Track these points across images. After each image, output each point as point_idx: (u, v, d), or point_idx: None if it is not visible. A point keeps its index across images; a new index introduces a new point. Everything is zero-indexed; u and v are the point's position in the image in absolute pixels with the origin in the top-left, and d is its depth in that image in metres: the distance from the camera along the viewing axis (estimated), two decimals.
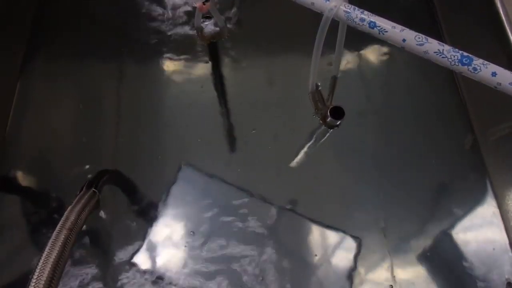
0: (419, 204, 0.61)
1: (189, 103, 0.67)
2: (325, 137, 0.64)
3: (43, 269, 0.39)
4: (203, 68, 0.70)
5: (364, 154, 0.64)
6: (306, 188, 0.61)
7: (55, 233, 0.43)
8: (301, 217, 0.59)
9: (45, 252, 0.41)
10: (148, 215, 0.60)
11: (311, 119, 0.63)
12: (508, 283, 0.53)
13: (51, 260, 0.40)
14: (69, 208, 0.46)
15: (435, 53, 0.40)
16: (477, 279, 0.55)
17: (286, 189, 0.61)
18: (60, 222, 0.44)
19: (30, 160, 0.63)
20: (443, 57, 0.40)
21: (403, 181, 0.62)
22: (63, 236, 0.42)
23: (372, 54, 0.71)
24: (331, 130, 0.63)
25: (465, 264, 0.56)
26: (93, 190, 0.51)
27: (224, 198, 0.61)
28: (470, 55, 0.40)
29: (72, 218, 0.45)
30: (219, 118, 0.66)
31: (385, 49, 0.71)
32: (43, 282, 0.38)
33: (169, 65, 0.70)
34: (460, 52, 0.40)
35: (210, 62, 0.70)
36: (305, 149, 0.64)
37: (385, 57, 0.71)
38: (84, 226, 0.49)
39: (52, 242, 0.42)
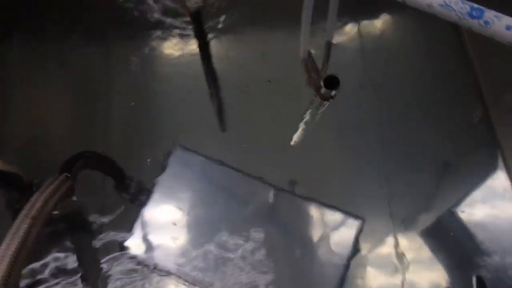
0: (425, 180, 0.57)
1: (180, 82, 0.64)
2: (323, 112, 0.60)
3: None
4: (194, 46, 0.66)
5: (366, 130, 0.60)
6: (306, 167, 0.58)
7: (16, 222, 0.38)
8: (302, 197, 0.56)
9: (4, 244, 0.36)
10: (140, 199, 0.57)
11: (310, 94, 0.59)
12: None
13: (10, 252, 0.35)
14: (35, 195, 0.42)
15: (441, 6, 0.35)
16: (486, 255, 0.52)
17: (286, 168, 0.58)
18: (24, 210, 0.39)
19: (17, 146, 0.61)
20: (449, 10, 0.35)
21: (407, 157, 0.58)
22: (26, 226, 0.38)
23: (372, 24, 0.66)
24: (327, 103, 0.59)
25: (473, 239, 0.53)
26: (65, 175, 0.46)
27: (220, 179, 0.58)
28: (480, 7, 0.34)
29: (38, 205, 0.40)
30: (212, 97, 0.63)
31: (385, 18, 0.67)
32: None
33: (159, 44, 0.66)
34: (470, 3, 0.34)
35: (200, 39, 0.66)
36: (304, 126, 0.60)
37: (385, 26, 0.66)
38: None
39: (13, 232, 0.37)
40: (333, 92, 0.55)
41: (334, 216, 0.54)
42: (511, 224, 0.53)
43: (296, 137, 0.59)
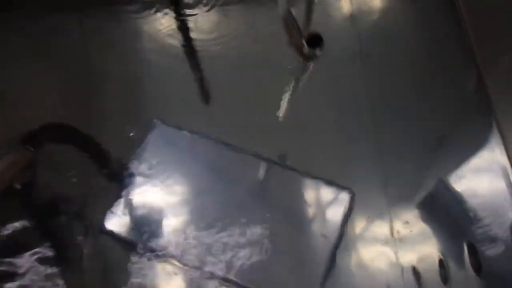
0: (419, 151, 0.54)
1: (162, 56, 0.60)
2: (310, 80, 0.57)
3: None
4: (174, 19, 0.62)
5: (357, 101, 0.57)
6: (296, 140, 0.55)
7: None
8: (293, 172, 0.53)
9: None
10: (120, 177, 0.53)
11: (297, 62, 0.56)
12: None
13: None
14: None
15: None
16: (480, 227, 0.49)
17: (275, 142, 0.55)
18: None
19: None
20: None
21: (401, 129, 0.55)
22: None
23: None
24: (311, 64, 0.56)
25: (465, 210, 0.50)
26: (25, 147, 0.42)
27: (206, 156, 0.54)
28: None
29: None
30: (194, 70, 0.59)
31: None
32: None
33: (139, 18, 0.62)
34: None
35: (179, 11, 0.63)
36: (290, 95, 0.56)
37: None
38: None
39: None
40: (317, 51, 0.52)
41: (325, 189, 0.52)
42: (501, 194, 0.50)
43: (283, 108, 0.56)
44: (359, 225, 0.50)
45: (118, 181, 0.53)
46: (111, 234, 0.51)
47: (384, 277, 0.48)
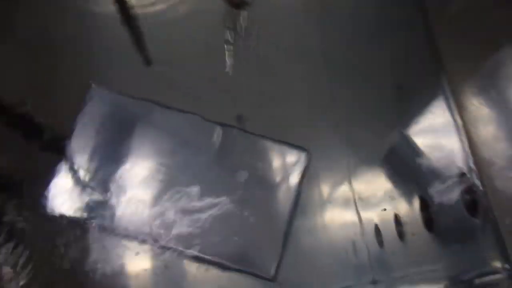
0: (375, 105, 0.53)
1: (94, 18, 0.54)
2: (258, 35, 0.53)
3: None
4: None
5: (310, 55, 0.54)
6: (251, 100, 0.52)
7: None
8: (249, 135, 0.51)
9: None
10: (55, 149, 0.49)
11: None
12: (462, 173, 0.49)
13: None
14: None
15: None
16: (432, 173, 0.50)
17: (229, 104, 0.52)
18: None
19: None
20: None
21: (356, 82, 0.54)
22: None
23: None
24: (245, 12, 0.53)
25: (421, 167, 0.51)
26: None
27: (154, 122, 0.51)
28: None
29: None
30: (131, 31, 0.54)
31: None
32: None
33: None
34: None
35: None
36: (232, 51, 0.53)
37: None
38: None
39: None
40: None
41: (283, 150, 0.50)
42: (453, 148, 0.51)
43: (229, 65, 0.53)
44: (320, 185, 0.50)
45: (59, 153, 0.49)
46: (53, 213, 0.48)
47: (346, 237, 0.49)
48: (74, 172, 0.49)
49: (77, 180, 0.49)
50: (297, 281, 0.47)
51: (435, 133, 0.52)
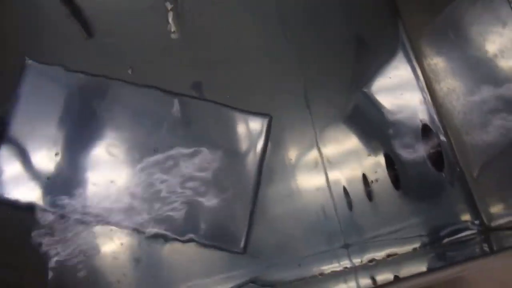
0: (338, 61, 0.51)
1: None
2: None
3: None
4: None
5: (265, 13, 0.52)
6: (206, 67, 0.49)
7: None
8: (211, 103, 0.48)
9: None
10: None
11: None
12: (424, 125, 0.49)
13: None
14: None
15: None
16: (396, 129, 0.49)
17: (183, 73, 0.49)
18: None
19: None
20: None
21: (316, 39, 0.51)
22: None
23: None
24: None
25: (384, 118, 0.50)
26: None
27: (106, 97, 0.47)
28: None
29: None
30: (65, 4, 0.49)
31: None
32: None
33: None
34: None
35: None
36: (190, 19, 0.50)
37: None
38: None
39: None
40: None
41: (244, 117, 0.48)
42: (416, 102, 0.50)
43: (173, 27, 0.49)
44: (286, 151, 0.49)
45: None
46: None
47: (316, 202, 0.48)
48: (22, 157, 0.45)
49: (28, 166, 0.45)
50: (269, 250, 0.46)
51: (397, 88, 0.51)
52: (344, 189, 0.48)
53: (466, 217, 0.47)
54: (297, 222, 0.47)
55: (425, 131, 0.49)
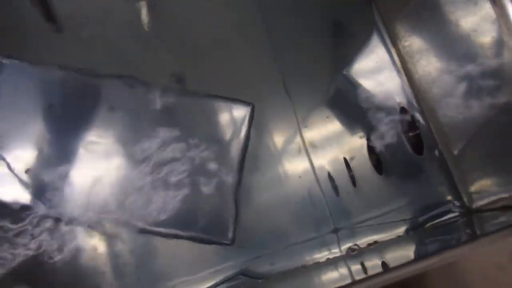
0: (317, 46, 0.51)
1: None
2: None
3: None
4: None
5: (245, 4, 0.51)
6: (185, 57, 0.49)
7: None
8: (192, 93, 0.47)
9: None
10: None
11: None
12: (402, 108, 0.49)
13: None
14: None
15: None
16: (375, 112, 0.49)
17: (161, 63, 0.48)
18: None
19: None
20: None
21: (294, 25, 0.51)
22: None
23: None
24: None
25: (364, 101, 0.50)
26: None
27: (80, 92, 0.45)
28: None
29: None
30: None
31: None
32: None
33: None
34: None
35: None
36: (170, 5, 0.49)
37: None
38: None
39: None
40: None
41: (226, 106, 0.47)
42: (393, 84, 0.51)
43: (145, 20, 0.48)
44: (269, 139, 0.48)
45: None
46: None
47: (302, 188, 0.47)
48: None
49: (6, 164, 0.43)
50: (257, 240, 0.45)
51: (375, 71, 0.51)
52: (329, 174, 0.48)
53: (448, 199, 0.48)
54: (284, 210, 0.46)
55: (403, 114, 0.50)
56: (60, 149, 0.44)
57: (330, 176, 0.48)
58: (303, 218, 0.46)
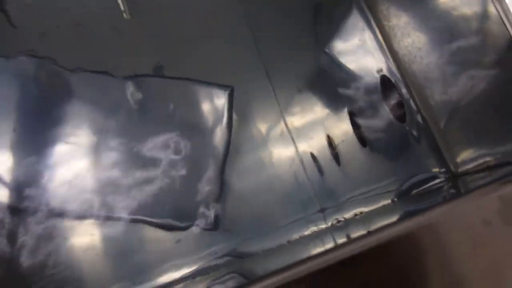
0: (297, 28, 0.51)
1: None
2: None
3: None
4: None
5: None
6: (164, 44, 0.48)
7: None
8: (170, 79, 0.47)
9: None
10: None
11: None
12: (383, 76, 0.49)
13: None
14: None
15: None
16: (357, 88, 0.49)
17: (140, 52, 0.47)
18: None
19: None
20: None
21: (271, 10, 0.51)
22: None
23: None
24: None
25: (346, 78, 0.50)
26: None
27: (56, 85, 0.45)
28: None
29: None
30: None
31: None
32: None
33: None
34: None
35: None
36: None
37: None
38: None
39: None
40: None
41: (206, 90, 0.47)
42: (376, 59, 0.51)
43: (124, 6, 0.48)
44: (252, 123, 0.48)
45: None
46: None
47: (287, 171, 0.47)
48: None
49: None
50: (243, 224, 0.45)
51: (358, 49, 0.51)
52: (312, 154, 0.47)
53: (433, 167, 0.47)
54: (269, 193, 0.46)
55: (384, 82, 0.49)
56: (38, 142, 0.44)
57: (314, 157, 0.47)
58: (289, 200, 0.46)
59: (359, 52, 0.51)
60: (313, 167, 0.47)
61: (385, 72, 0.50)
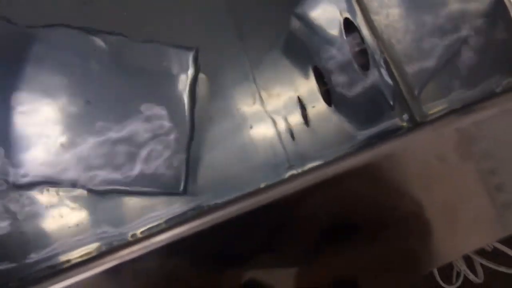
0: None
1: None
2: None
3: None
4: None
5: None
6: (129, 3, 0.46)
7: None
8: (134, 41, 0.45)
9: None
10: None
11: None
12: (345, 19, 0.45)
13: None
14: None
15: None
16: (328, 49, 0.47)
17: (105, 13, 0.46)
18: None
19: None
20: None
21: None
22: None
23: None
24: None
25: (316, 37, 0.47)
26: None
27: (25, 48, 0.44)
28: None
29: None
30: None
31: None
32: None
33: None
34: None
35: None
36: None
37: None
38: None
39: None
40: None
41: (171, 51, 0.45)
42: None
43: None
44: (222, 87, 0.47)
45: None
46: None
47: (259, 134, 0.47)
48: None
49: None
50: (212, 189, 0.44)
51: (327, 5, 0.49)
52: (284, 117, 0.47)
53: (398, 116, 0.45)
54: (241, 159, 0.46)
55: (348, 27, 0.46)
56: (9, 107, 0.43)
57: (285, 120, 0.46)
58: (261, 166, 0.45)
59: (329, 11, 0.49)
60: (284, 131, 0.46)
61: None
